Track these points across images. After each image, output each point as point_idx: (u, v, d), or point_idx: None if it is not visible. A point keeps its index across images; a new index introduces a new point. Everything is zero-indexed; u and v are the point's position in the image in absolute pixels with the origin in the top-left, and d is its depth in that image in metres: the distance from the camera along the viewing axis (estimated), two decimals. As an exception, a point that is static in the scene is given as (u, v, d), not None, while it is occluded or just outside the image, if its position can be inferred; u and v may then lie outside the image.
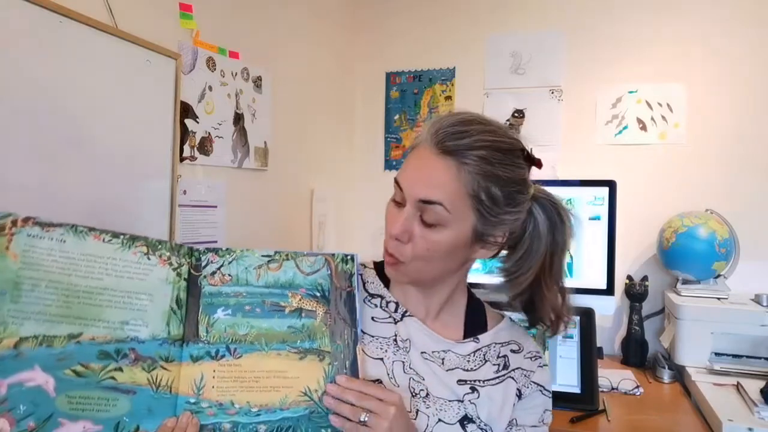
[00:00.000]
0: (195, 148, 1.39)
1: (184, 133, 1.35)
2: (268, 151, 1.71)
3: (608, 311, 1.64)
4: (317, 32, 2.04)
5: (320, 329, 0.68)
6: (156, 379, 0.60)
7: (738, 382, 1.44)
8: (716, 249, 1.66)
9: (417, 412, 0.72)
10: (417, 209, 0.69)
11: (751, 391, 1.35)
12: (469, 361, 0.77)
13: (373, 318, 0.78)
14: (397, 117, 2.31)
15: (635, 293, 1.81)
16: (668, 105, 1.95)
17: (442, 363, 0.76)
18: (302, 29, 1.92)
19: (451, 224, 0.69)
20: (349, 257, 0.73)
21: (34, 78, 0.97)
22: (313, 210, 1.99)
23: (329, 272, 0.71)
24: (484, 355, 0.79)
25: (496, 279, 0.78)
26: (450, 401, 0.74)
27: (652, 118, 1.97)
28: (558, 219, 0.75)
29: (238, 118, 1.56)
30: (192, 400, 0.61)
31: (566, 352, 1.47)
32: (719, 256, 1.67)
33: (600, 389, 1.46)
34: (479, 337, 0.80)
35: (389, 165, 2.32)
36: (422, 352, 0.76)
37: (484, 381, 0.76)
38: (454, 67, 2.22)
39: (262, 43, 1.68)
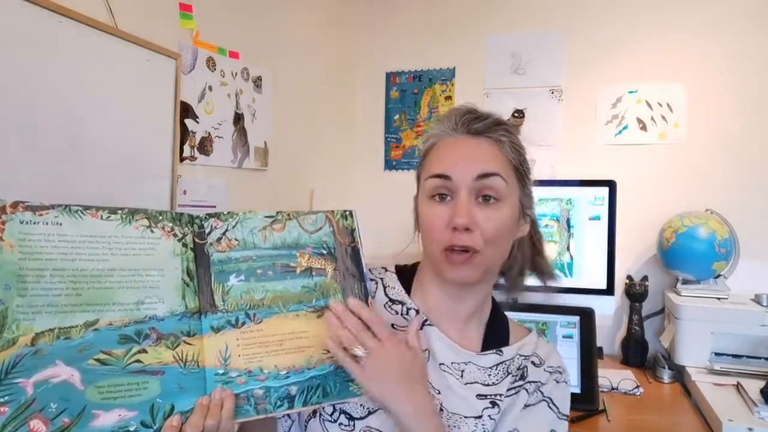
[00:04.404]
0: (195, 148, 1.39)
1: (184, 133, 1.35)
2: (268, 151, 1.71)
3: (608, 311, 1.64)
4: (317, 32, 2.04)
5: (332, 286, 0.68)
6: (182, 355, 0.59)
7: (738, 382, 1.44)
8: (716, 249, 1.66)
9: None
10: (472, 193, 0.68)
11: (751, 391, 1.35)
12: (490, 375, 0.73)
13: (393, 325, 0.75)
14: (397, 117, 2.31)
15: (635, 293, 1.81)
16: (668, 105, 1.95)
17: (461, 375, 0.72)
18: (302, 29, 1.92)
19: (507, 198, 0.69)
20: (347, 213, 0.74)
21: (34, 78, 0.97)
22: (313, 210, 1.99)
23: (332, 229, 0.72)
24: (507, 368, 0.74)
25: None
26: (466, 417, 0.70)
27: (652, 118, 1.97)
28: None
29: (238, 118, 1.56)
30: (220, 371, 0.60)
31: (566, 352, 1.47)
32: (719, 256, 1.67)
33: (600, 389, 1.46)
34: (503, 349, 0.76)
35: (389, 165, 2.32)
36: (440, 364, 0.72)
37: (504, 395, 0.72)
38: (454, 67, 2.22)
39: (262, 43, 1.68)
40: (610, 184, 1.64)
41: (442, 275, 0.71)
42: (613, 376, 1.60)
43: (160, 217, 0.63)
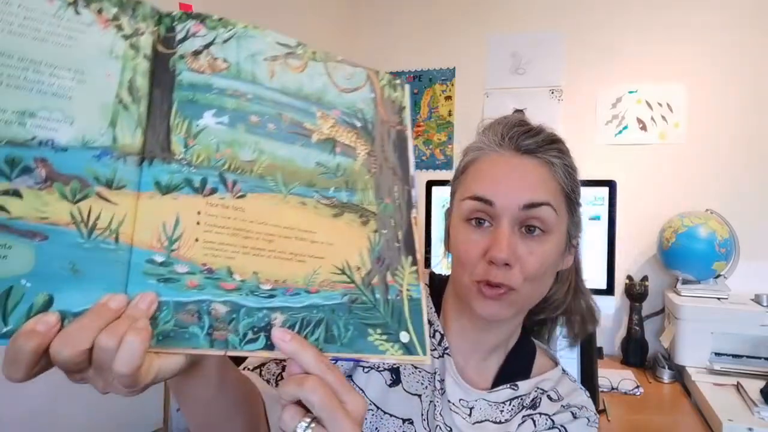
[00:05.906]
0: (195, 148, 1.39)
1: (184, 133, 1.34)
2: (268, 151, 1.71)
3: (608, 311, 1.64)
4: (317, 32, 2.04)
5: (362, 177, 0.43)
6: (87, 215, 0.35)
7: (738, 382, 1.44)
8: (716, 249, 1.66)
9: None
10: (516, 222, 0.59)
11: (751, 391, 1.35)
12: (502, 411, 0.66)
13: None
14: (397, 117, 2.31)
15: (635, 293, 1.81)
16: (668, 105, 1.95)
17: (470, 414, 0.65)
18: (302, 29, 1.92)
19: (555, 229, 0.60)
20: (397, 81, 0.46)
21: (34, 78, 0.97)
22: (313, 210, 1.99)
23: (374, 96, 0.45)
24: (521, 402, 0.67)
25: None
26: None
27: (652, 118, 1.97)
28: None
29: (238, 118, 1.56)
30: (158, 259, 0.36)
31: (566, 352, 1.47)
32: (719, 256, 1.67)
33: (600, 389, 1.46)
34: (518, 384, 0.68)
35: (389, 165, 2.32)
36: (449, 401, 0.65)
37: None
38: (454, 67, 2.22)
39: (262, 43, 1.68)
40: (610, 184, 1.64)
41: (470, 307, 0.63)
42: (613, 376, 1.60)
43: None
